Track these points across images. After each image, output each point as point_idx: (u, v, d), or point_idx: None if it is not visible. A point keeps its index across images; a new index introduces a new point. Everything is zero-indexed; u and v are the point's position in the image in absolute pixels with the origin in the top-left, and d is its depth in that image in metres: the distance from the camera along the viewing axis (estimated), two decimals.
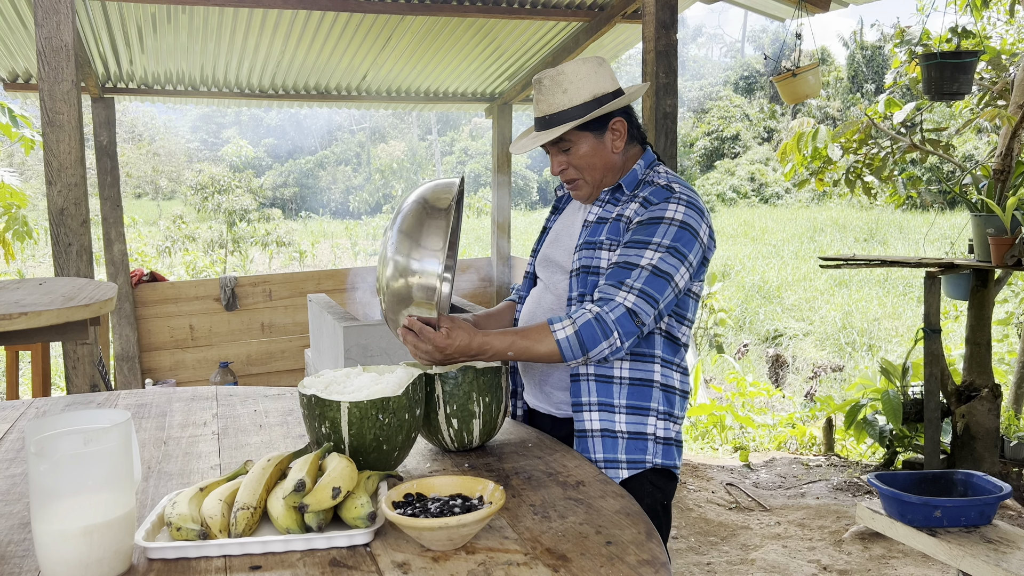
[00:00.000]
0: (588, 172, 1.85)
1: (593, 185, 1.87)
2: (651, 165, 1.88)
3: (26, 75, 5.67)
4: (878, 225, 18.09)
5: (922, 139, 5.03)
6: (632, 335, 1.65)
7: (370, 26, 5.20)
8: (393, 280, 1.59)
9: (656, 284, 1.67)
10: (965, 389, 4.44)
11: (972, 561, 2.10)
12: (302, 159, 30.95)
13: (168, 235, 16.40)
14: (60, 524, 1.07)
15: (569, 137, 1.82)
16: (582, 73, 1.81)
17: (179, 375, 6.45)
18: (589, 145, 1.82)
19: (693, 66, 41.16)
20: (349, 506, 1.23)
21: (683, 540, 3.90)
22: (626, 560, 1.15)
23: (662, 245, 1.69)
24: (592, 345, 1.63)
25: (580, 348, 1.64)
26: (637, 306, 1.65)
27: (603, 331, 1.63)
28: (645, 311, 1.65)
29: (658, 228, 1.71)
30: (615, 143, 1.84)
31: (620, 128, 1.84)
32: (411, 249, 1.57)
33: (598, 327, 1.63)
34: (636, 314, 1.65)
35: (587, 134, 1.82)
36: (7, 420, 1.93)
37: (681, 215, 1.72)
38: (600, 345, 1.64)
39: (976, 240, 4.12)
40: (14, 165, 20.90)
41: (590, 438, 1.76)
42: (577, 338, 1.63)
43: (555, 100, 1.81)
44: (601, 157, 1.84)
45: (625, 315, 1.64)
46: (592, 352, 1.64)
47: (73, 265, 3.06)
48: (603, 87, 1.82)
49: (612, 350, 1.65)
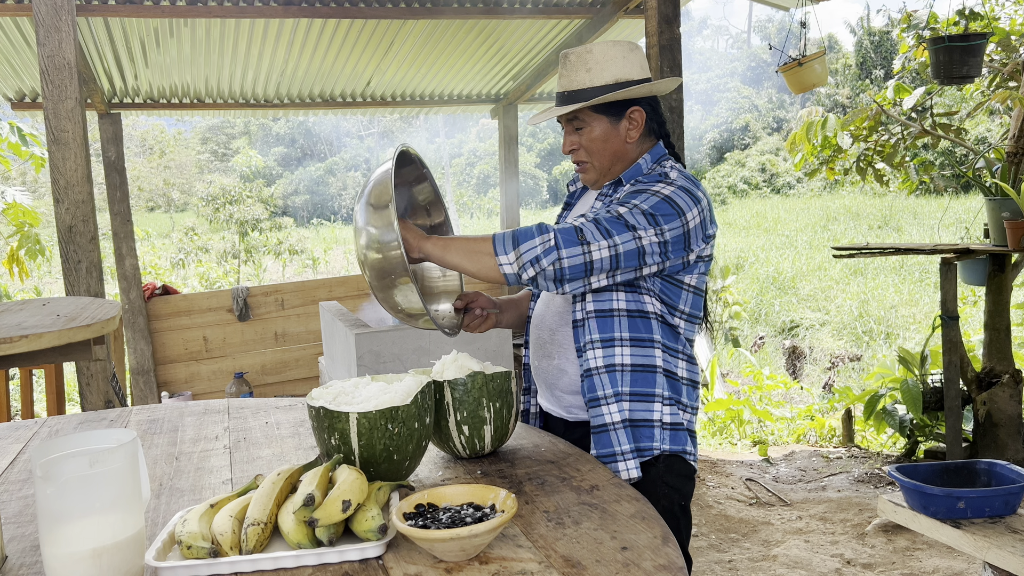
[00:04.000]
0: (597, 157, 1.82)
1: (600, 171, 1.84)
2: (659, 159, 1.84)
3: (32, 94, 5.71)
4: (892, 211, 17.94)
5: (933, 124, 4.97)
6: (573, 246, 1.59)
7: (372, 32, 5.19)
8: (368, 250, 1.61)
9: (614, 224, 1.62)
10: (985, 376, 4.38)
11: (998, 552, 2.06)
12: (312, 166, 31.05)
13: (181, 247, 16.49)
14: (69, 547, 1.06)
15: (583, 117, 1.79)
16: (610, 55, 1.77)
17: (194, 387, 6.47)
18: (602, 129, 1.79)
19: (700, 58, 40.99)
20: (360, 519, 1.22)
21: (703, 538, 3.87)
22: (642, 566, 1.12)
23: (638, 207, 1.65)
24: (524, 238, 1.60)
25: (512, 241, 1.61)
26: (584, 226, 1.61)
27: (540, 230, 1.61)
28: (592, 233, 1.60)
29: (639, 196, 1.68)
30: (630, 132, 1.81)
31: (638, 118, 1.80)
32: (369, 217, 1.61)
33: (536, 228, 1.62)
34: (579, 230, 1.61)
35: (602, 117, 1.79)
36: (20, 440, 1.93)
37: (668, 191, 1.68)
38: (532, 240, 1.60)
39: (991, 224, 4.06)
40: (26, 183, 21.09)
41: (611, 431, 1.74)
42: (512, 233, 1.62)
43: (576, 77, 1.78)
44: (612, 143, 1.81)
45: (569, 228, 1.61)
46: (523, 246, 1.59)
47: (83, 282, 3.07)
48: (628, 73, 1.78)
49: (545, 248, 1.59)
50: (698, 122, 29.25)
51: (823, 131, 5.26)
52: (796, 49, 4.73)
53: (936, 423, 4.81)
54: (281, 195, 27.94)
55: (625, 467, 1.73)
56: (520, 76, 6.59)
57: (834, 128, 5.26)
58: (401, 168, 1.81)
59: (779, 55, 4.57)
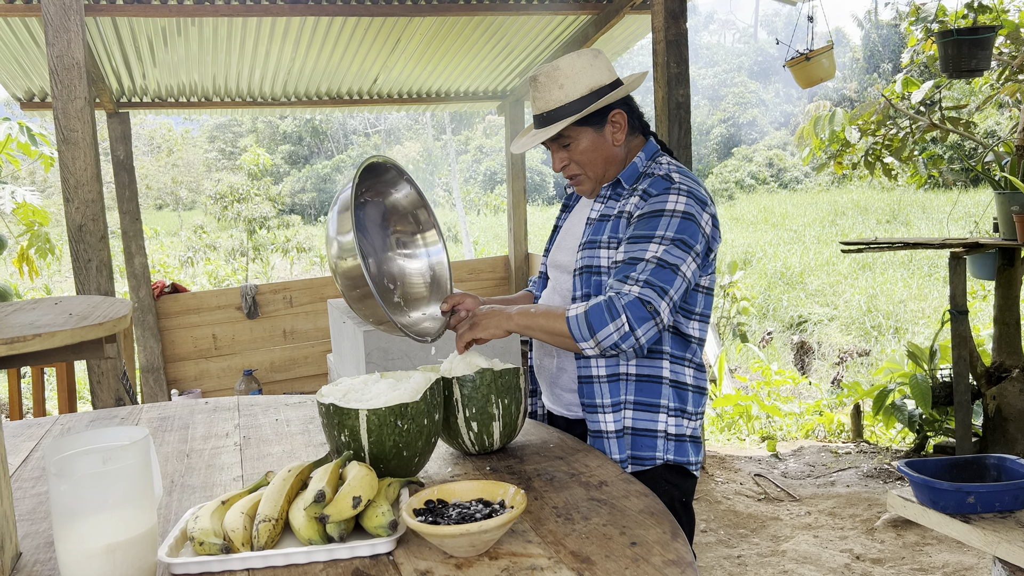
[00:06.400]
0: (590, 167, 1.83)
1: (596, 180, 1.85)
2: (653, 156, 1.85)
3: (42, 94, 5.74)
4: (900, 206, 17.86)
5: (942, 118, 4.94)
6: (645, 322, 1.59)
7: (378, 29, 5.20)
8: (338, 259, 1.62)
9: (663, 275, 1.63)
10: (995, 370, 4.36)
11: (1008, 547, 2.06)
12: (319, 164, 31.09)
13: (190, 245, 16.55)
14: (82, 543, 1.07)
15: (568, 133, 1.80)
16: (577, 67, 1.78)
17: (204, 385, 6.49)
18: (589, 140, 1.80)
19: (707, 53, 40.85)
20: (370, 515, 1.23)
21: (712, 533, 3.87)
22: (651, 561, 1.13)
23: (666, 238, 1.66)
24: (599, 326, 1.60)
25: (588, 328, 1.61)
26: (644, 294, 1.60)
27: (611, 313, 1.59)
28: (654, 300, 1.60)
29: (660, 221, 1.68)
30: (615, 135, 1.81)
31: (620, 120, 1.81)
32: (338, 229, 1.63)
33: (606, 309, 1.60)
34: (646, 302, 1.60)
35: (586, 129, 1.79)
36: (33, 438, 1.95)
37: (683, 206, 1.69)
38: (607, 327, 1.59)
39: (1001, 218, 4.04)
40: (36, 183, 21.19)
41: (605, 439, 1.75)
42: (585, 318, 1.61)
43: (552, 96, 1.79)
44: (602, 151, 1.81)
45: (635, 301, 1.60)
46: (600, 334, 1.60)
47: (93, 280, 3.09)
48: (600, 79, 1.79)
49: (621, 335, 1.59)
50: (705, 117, 29.16)
51: (831, 125, 5.24)
52: (803, 43, 4.71)
53: (945, 418, 4.79)
54: (289, 193, 28.01)
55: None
56: (526, 72, 6.58)
57: (842, 122, 5.24)
58: (382, 176, 1.82)
59: (786, 50, 4.55)
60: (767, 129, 27.82)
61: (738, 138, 28.07)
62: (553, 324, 1.66)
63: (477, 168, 30.68)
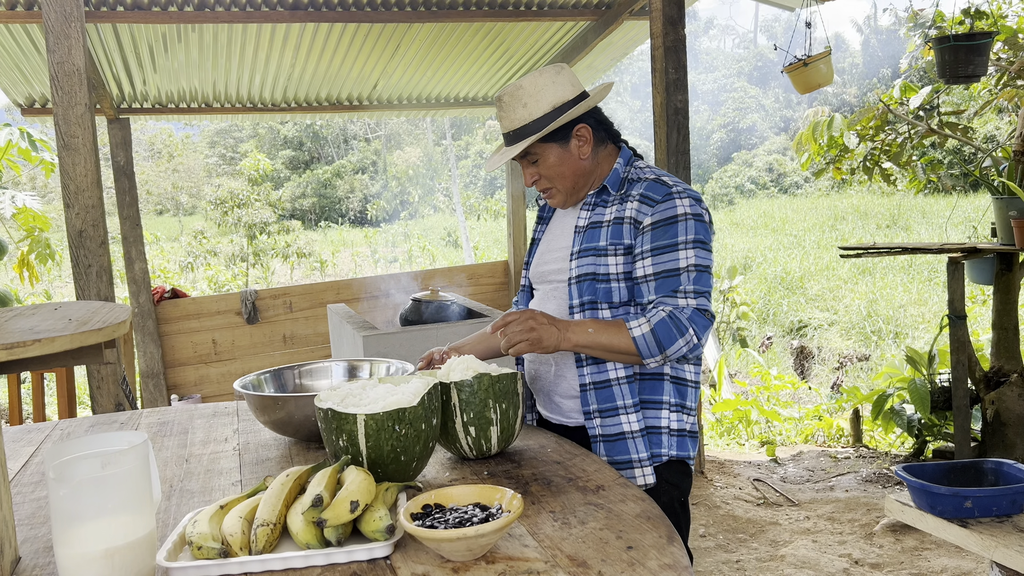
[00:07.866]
0: (559, 180, 1.86)
1: (567, 192, 1.88)
2: (630, 161, 1.89)
3: (42, 100, 5.75)
4: (900, 211, 17.88)
5: (940, 123, 4.96)
6: (706, 329, 1.71)
7: (378, 36, 5.21)
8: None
9: (703, 280, 1.74)
10: (994, 375, 4.37)
11: (1005, 551, 2.06)
12: (319, 169, 31.12)
13: (190, 251, 16.55)
14: (82, 547, 1.08)
15: (534, 150, 1.83)
16: (539, 84, 1.82)
17: (204, 390, 6.50)
18: (555, 155, 1.84)
19: (706, 59, 40.89)
20: (368, 519, 1.23)
21: (711, 538, 3.87)
22: (647, 565, 1.14)
23: (689, 242, 1.74)
24: (668, 343, 1.68)
25: (657, 345, 1.68)
26: (701, 304, 1.72)
27: (678, 329, 1.68)
28: (708, 306, 1.73)
29: (677, 227, 1.74)
30: (581, 149, 1.85)
31: (584, 134, 1.84)
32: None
33: (673, 325, 1.68)
34: (704, 311, 1.72)
35: (551, 145, 1.83)
36: (33, 443, 1.95)
37: (690, 207, 1.76)
38: (677, 343, 1.68)
39: (999, 223, 4.05)
40: (36, 188, 21.21)
41: (630, 439, 1.77)
42: (653, 335, 1.68)
43: (516, 115, 1.83)
44: (569, 165, 1.85)
45: (696, 313, 1.70)
46: (670, 350, 1.69)
47: (93, 286, 3.10)
48: (562, 96, 1.82)
49: (690, 347, 1.70)
50: (705, 122, 29.20)
51: (829, 131, 5.25)
52: (802, 49, 4.72)
53: (944, 423, 4.79)
54: (289, 198, 28.02)
55: (641, 473, 1.76)
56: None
57: (840, 128, 5.25)
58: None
59: (784, 55, 4.56)
60: (767, 134, 27.85)
61: (738, 143, 28.09)
62: (616, 342, 1.71)
63: (477, 173, 30.71)
